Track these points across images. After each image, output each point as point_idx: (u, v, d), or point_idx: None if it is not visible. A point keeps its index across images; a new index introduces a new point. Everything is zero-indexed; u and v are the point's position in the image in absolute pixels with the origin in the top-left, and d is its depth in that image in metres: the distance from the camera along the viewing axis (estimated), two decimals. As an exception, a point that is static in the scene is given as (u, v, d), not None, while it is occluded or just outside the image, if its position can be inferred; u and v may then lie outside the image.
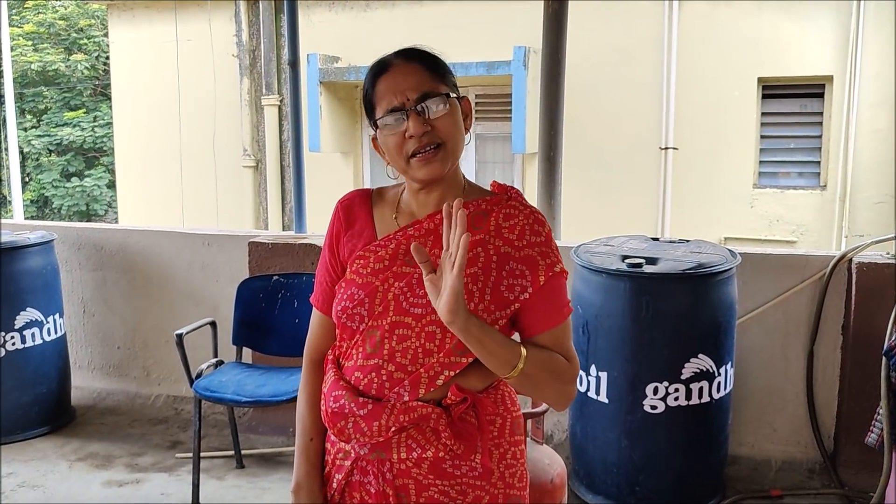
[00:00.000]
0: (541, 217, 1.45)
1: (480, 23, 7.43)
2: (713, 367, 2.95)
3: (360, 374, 1.42)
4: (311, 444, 1.54)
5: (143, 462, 3.62)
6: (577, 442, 3.24)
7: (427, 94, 1.39)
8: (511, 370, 1.32)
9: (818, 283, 3.35)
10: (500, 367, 1.33)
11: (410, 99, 1.38)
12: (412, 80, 1.39)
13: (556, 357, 1.39)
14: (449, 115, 1.40)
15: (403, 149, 1.39)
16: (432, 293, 1.28)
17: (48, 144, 15.38)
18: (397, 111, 1.38)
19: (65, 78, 15.56)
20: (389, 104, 1.39)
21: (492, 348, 1.31)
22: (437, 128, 1.38)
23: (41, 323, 3.90)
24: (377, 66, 1.43)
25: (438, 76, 1.42)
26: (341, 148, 8.10)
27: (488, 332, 1.31)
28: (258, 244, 3.90)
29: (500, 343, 1.32)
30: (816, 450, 3.40)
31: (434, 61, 1.44)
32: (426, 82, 1.40)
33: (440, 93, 1.40)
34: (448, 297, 1.25)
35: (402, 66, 1.41)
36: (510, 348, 1.33)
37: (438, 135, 1.38)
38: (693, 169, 7.10)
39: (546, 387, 1.39)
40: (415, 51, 1.44)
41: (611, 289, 2.97)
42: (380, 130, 1.42)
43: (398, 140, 1.39)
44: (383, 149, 1.44)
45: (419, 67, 1.41)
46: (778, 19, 6.78)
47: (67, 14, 16.19)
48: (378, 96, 1.41)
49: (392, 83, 1.40)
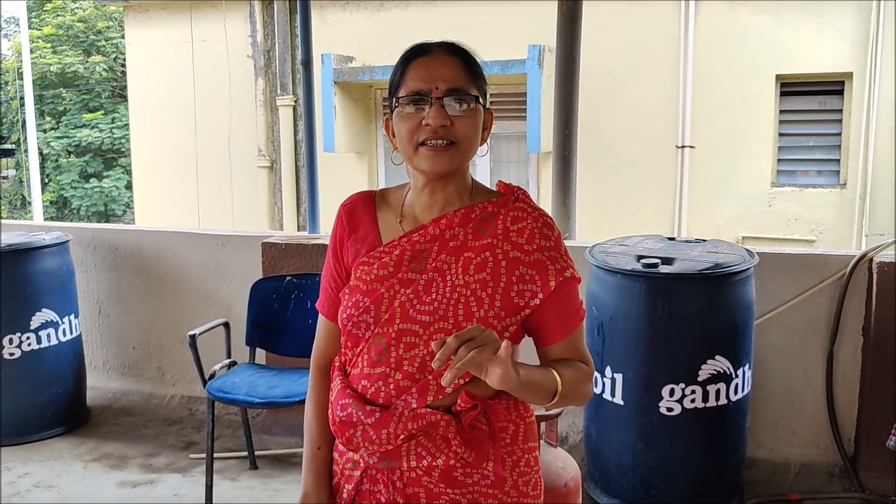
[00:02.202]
0: (549, 220, 1.42)
1: (495, 22, 7.39)
2: (730, 369, 2.91)
3: (367, 382, 1.39)
4: (319, 454, 1.51)
5: (157, 463, 3.63)
6: (591, 444, 3.21)
7: (457, 89, 1.35)
8: (552, 398, 1.33)
9: (838, 283, 3.30)
10: (542, 399, 1.34)
11: (440, 88, 1.34)
12: (447, 71, 1.36)
13: (579, 367, 1.39)
14: (470, 118, 1.37)
15: (416, 135, 1.35)
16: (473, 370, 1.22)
17: (67, 146, 15.54)
18: (422, 96, 1.35)
19: (83, 80, 15.70)
20: (416, 87, 1.35)
21: (537, 389, 1.32)
22: (456, 126, 1.35)
23: (56, 323, 3.91)
24: (415, 49, 1.40)
25: (473, 77, 1.39)
26: (356, 148, 8.09)
27: (530, 373, 1.30)
28: (271, 245, 3.89)
29: (541, 381, 1.33)
30: (836, 453, 3.35)
31: (472, 61, 1.41)
32: (460, 78, 1.37)
33: (469, 93, 1.37)
34: (502, 377, 1.22)
35: (441, 55, 1.38)
36: (549, 379, 1.33)
37: (455, 133, 1.35)
38: (710, 168, 7.03)
39: (573, 399, 1.40)
40: (457, 45, 1.41)
41: (626, 289, 2.94)
42: (398, 110, 1.38)
43: (413, 125, 1.35)
44: (395, 130, 1.40)
45: (457, 62, 1.38)
46: (796, 16, 6.69)
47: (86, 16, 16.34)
48: (408, 76, 1.37)
49: (425, 68, 1.36)
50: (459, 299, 1.36)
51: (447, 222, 1.40)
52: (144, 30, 9.16)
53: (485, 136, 1.42)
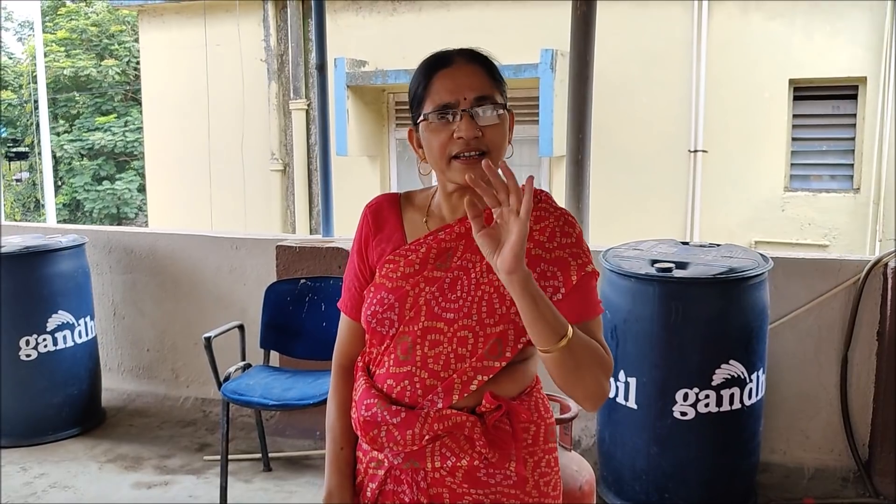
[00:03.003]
0: (571, 218, 1.43)
1: (507, 26, 7.40)
2: (744, 374, 2.91)
3: (393, 381, 1.40)
4: (342, 454, 1.51)
5: (171, 464, 3.65)
6: (605, 448, 3.21)
7: (484, 98, 1.35)
8: (559, 341, 1.25)
9: (852, 287, 3.29)
10: (548, 336, 1.25)
11: (468, 99, 1.34)
12: (473, 81, 1.36)
13: (596, 344, 1.34)
14: (499, 125, 1.37)
15: (447, 148, 1.35)
16: (488, 246, 1.23)
17: (80, 149, 15.63)
18: (450, 109, 1.34)
19: (96, 83, 15.80)
20: (443, 100, 1.35)
21: (544, 310, 1.25)
22: (487, 135, 1.35)
23: (72, 325, 3.94)
24: (435, 60, 1.39)
25: (496, 83, 1.39)
26: (368, 151, 8.12)
27: (541, 292, 1.26)
28: (286, 248, 3.91)
29: (551, 307, 1.26)
30: (850, 458, 3.34)
31: (493, 67, 1.41)
32: (486, 86, 1.36)
33: (496, 101, 1.37)
34: (515, 244, 1.19)
35: (463, 64, 1.38)
36: (559, 317, 1.27)
37: (486, 142, 1.35)
38: (723, 172, 7.01)
39: (587, 372, 1.30)
40: (477, 53, 1.41)
41: (640, 293, 2.94)
42: (425, 125, 1.37)
43: (444, 139, 1.35)
44: (424, 144, 1.39)
45: (480, 70, 1.38)
46: (810, 21, 6.68)
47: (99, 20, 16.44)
48: (432, 90, 1.36)
49: (451, 80, 1.36)
50: (483, 297, 1.37)
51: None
52: (158, 33, 9.22)
53: (510, 138, 1.43)
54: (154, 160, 9.62)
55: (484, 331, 1.36)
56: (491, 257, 1.23)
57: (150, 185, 9.83)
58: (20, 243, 3.91)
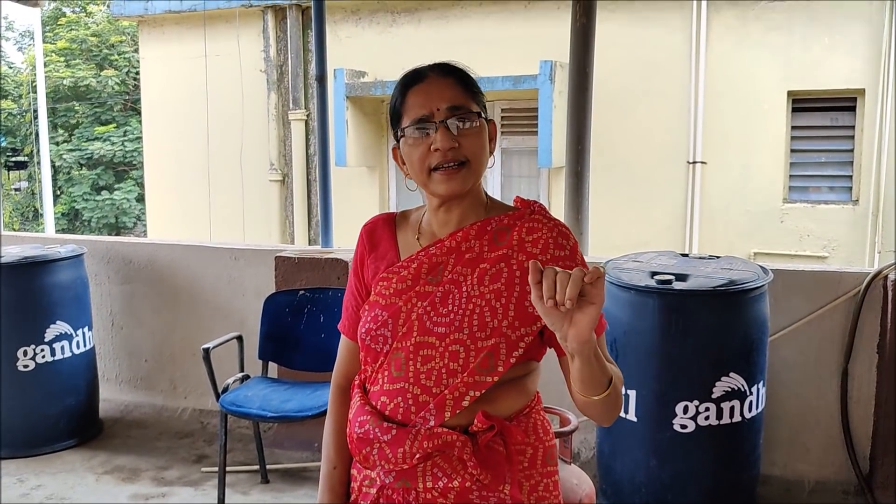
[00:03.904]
0: (565, 230, 1.42)
1: (506, 37, 7.43)
2: (745, 386, 2.90)
3: (387, 398, 1.39)
4: (335, 473, 1.51)
5: (169, 476, 3.63)
6: (604, 460, 3.20)
7: (458, 108, 1.37)
8: (607, 388, 1.25)
9: (852, 300, 3.28)
10: (595, 387, 1.25)
11: (441, 110, 1.36)
12: (445, 93, 1.38)
13: (620, 374, 1.33)
14: (476, 134, 1.38)
15: (426, 161, 1.36)
16: (553, 315, 1.16)
17: (79, 158, 15.65)
18: (426, 122, 1.36)
19: (96, 93, 15.83)
20: (417, 114, 1.37)
21: (602, 366, 1.24)
22: (464, 145, 1.36)
23: (70, 336, 3.93)
24: (410, 76, 1.41)
25: (471, 93, 1.40)
26: (367, 162, 8.13)
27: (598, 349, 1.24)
28: (285, 258, 3.90)
29: (603, 362, 1.25)
30: (851, 471, 3.32)
31: (468, 79, 1.42)
32: (459, 97, 1.38)
33: (471, 110, 1.38)
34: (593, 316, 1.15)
35: (436, 78, 1.40)
36: (606, 368, 1.26)
37: (464, 152, 1.36)
38: (722, 183, 7.03)
39: (614, 406, 1.31)
40: (449, 65, 1.42)
41: (640, 305, 2.93)
42: (404, 140, 1.39)
43: (423, 152, 1.36)
44: (405, 159, 1.41)
45: (453, 82, 1.40)
46: (808, 33, 6.70)
47: (99, 30, 16.50)
48: (408, 105, 1.39)
49: (424, 94, 1.38)
50: (475, 310, 1.36)
51: (463, 235, 1.41)
52: (158, 44, 9.25)
53: (492, 148, 1.44)
54: (153, 170, 9.63)
55: (475, 344, 1.34)
56: (559, 327, 1.17)
57: (149, 194, 9.84)
58: (19, 253, 3.90)
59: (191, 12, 8.75)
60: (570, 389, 1.33)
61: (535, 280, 1.15)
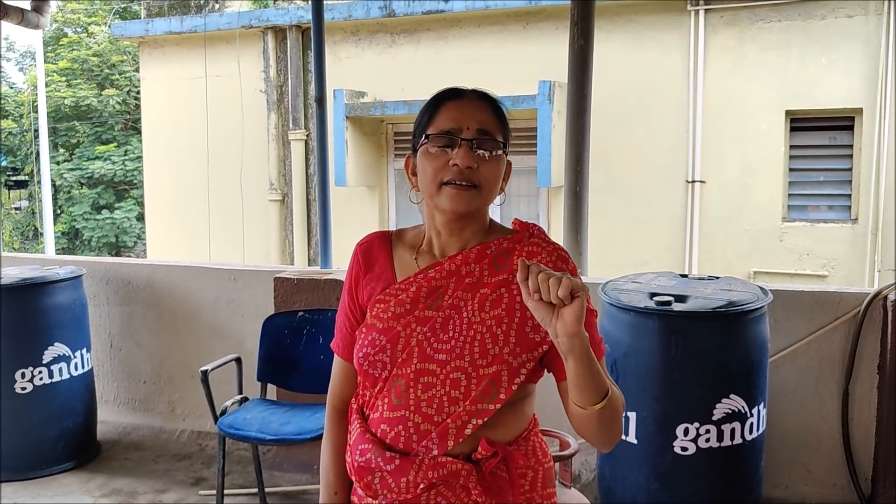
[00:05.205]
0: (564, 254, 1.42)
1: (505, 58, 7.47)
2: (745, 408, 2.88)
3: (387, 426, 1.38)
4: (336, 499, 1.49)
5: (166, 499, 3.60)
6: (605, 483, 3.17)
7: (487, 133, 1.38)
8: (602, 399, 1.25)
9: (852, 320, 3.28)
10: (592, 395, 1.25)
11: (471, 129, 1.37)
12: (478, 115, 1.39)
13: (621, 394, 1.33)
14: (495, 164, 1.39)
15: (441, 174, 1.36)
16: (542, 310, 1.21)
17: (80, 177, 15.68)
18: (453, 135, 1.36)
19: (97, 113, 15.89)
20: (447, 126, 1.37)
21: (595, 370, 1.24)
22: (481, 170, 1.37)
23: (69, 358, 3.92)
24: (448, 92, 1.43)
25: (501, 125, 1.42)
26: (367, 182, 8.14)
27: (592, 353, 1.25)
28: (284, 280, 3.90)
29: (598, 367, 1.26)
30: (853, 492, 3.30)
31: (501, 110, 1.43)
32: (490, 122, 1.39)
33: (497, 139, 1.39)
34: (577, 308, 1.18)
35: (473, 99, 1.41)
36: (602, 375, 1.27)
37: (479, 176, 1.36)
38: (720, 202, 7.04)
39: (614, 425, 1.31)
40: (488, 94, 1.44)
41: (639, 327, 2.92)
42: (424, 148, 1.39)
43: (440, 164, 1.36)
44: (419, 169, 1.41)
45: (488, 108, 1.41)
46: (805, 53, 6.74)
47: (101, 51, 16.57)
48: (439, 116, 1.39)
49: (458, 110, 1.39)
50: (476, 336, 1.35)
51: (462, 258, 1.40)
52: (159, 64, 9.30)
53: (503, 186, 1.44)
54: (153, 189, 9.65)
55: (477, 372, 1.34)
56: (548, 322, 1.21)
57: (149, 213, 9.85)
58: (18, 275, 3.90)
59: (191, 33, 8.81)
60: (567, 412, 1.33)
61: (522, 278, 1.20)
